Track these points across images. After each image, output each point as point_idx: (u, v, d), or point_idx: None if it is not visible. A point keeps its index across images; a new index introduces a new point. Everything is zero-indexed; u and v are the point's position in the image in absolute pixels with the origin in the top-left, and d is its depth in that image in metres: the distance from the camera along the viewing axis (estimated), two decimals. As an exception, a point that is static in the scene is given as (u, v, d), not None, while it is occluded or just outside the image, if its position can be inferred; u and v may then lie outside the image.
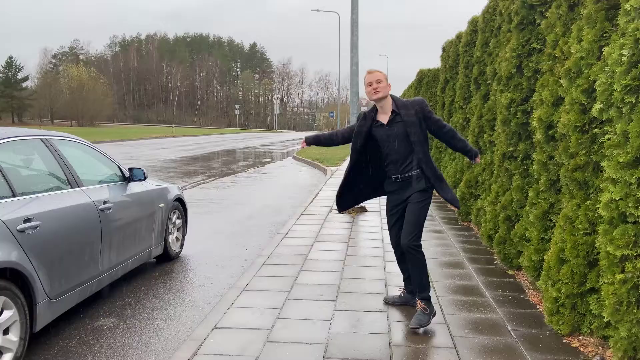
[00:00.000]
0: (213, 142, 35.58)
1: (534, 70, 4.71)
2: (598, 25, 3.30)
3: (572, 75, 3.57)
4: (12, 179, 3.25)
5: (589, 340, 3.32)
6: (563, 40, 3.91)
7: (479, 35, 7.13)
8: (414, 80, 17.05)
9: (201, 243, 6.30)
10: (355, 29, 8.96)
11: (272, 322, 3.65)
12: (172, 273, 5.12)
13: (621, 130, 2.90)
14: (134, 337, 3.60)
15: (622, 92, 2.87)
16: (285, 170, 16.58)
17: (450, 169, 8.83)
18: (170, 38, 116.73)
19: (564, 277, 3.42)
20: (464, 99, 8.28)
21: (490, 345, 3.30)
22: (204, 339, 3.34)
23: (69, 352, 3.35)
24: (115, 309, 4.12)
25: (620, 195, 2.86)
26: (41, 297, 3.20)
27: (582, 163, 3.47)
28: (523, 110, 4.89)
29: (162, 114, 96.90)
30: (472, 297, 4.20)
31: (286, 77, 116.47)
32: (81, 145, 4.40)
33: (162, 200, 5.22)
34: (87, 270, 3.76)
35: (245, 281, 4.55)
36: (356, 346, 3.26)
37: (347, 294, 4.27)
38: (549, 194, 4.15)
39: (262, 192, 11.24)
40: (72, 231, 3.56)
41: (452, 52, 9.67)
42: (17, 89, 64.89)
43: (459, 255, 5.58)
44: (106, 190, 4.25)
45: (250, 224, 7.61)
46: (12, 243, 2.97)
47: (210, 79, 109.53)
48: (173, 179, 12.88)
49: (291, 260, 5.28)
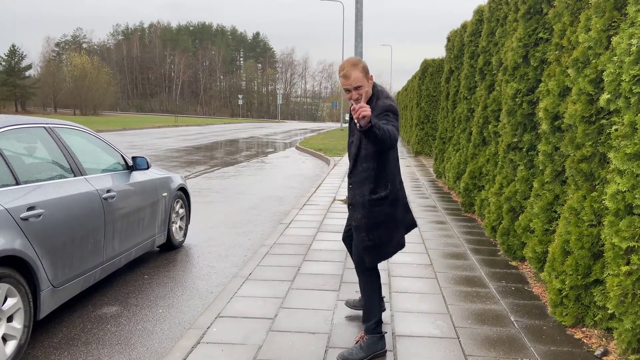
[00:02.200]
0: (216, 131, 35.55)
1: (541, 60, 4.67)
2: (607, 14, 3.25)
3: (580, 65, 3.53)
4: (16, 167, 3.24)
5: (592, 332, 3.31)
6: (571, 30, 3.87)
7: (485, 24, 7.06)
8: (418, 71, 16.95)
9: (204, 232, 6.31)
10: (360, 19, 8.90)
11: (275, 311, 3.65)
12: (175, 262, 5.13)
13: (629, 121, 2.87)
14: (137, 325, 3.61)
15: (631, 82, 2.84)
16: (288, 161, 16.56)
17: (454, 160, 8.79)
18: (173, 27, 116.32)
19: (568, 268, 3.41)
20: (469, 90, 8.23)
21: (493, 336, 3.30)
22: (207, 328, 3.35)
23: (72, 339, 3.36)
24: (119, 297, 4.13)
25: (627, 187, 2.83)
26: (45, 285, 3.21)
27: (588, 154, 3.44)
28: (529, 100, 4.85)
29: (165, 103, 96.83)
30: (475, 288, 4.19)
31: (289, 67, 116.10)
32: (84, 133, 4.39)
33: (166, 190, 5.21)
34: (91, 259, 3.76)
35: (248, 270, 4.56)
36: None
37: (351, 284, 4.27)
38: (554, 185, 4.13)
39: (265, 182, 11.24)
40: (75, 219, 3.56)
41: (457, 42, 9.59)
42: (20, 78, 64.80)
43: (462, 246, 5.57)
44: (109, 178, 4.25)
45: (253, 213, 7.61)
46: (15, 231, 2.97)
47: (213, 69, 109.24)
48: (176, 169, 12.89)
49: (294, 250, 5.28)
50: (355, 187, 2.99)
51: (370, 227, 2.95)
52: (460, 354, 3.06)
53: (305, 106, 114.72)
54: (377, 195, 2.92)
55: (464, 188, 7.33)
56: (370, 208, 2.93)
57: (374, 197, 2.92)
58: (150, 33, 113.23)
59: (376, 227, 2.95)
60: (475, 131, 7.20)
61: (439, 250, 5.38)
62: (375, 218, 2.94)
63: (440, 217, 7.12)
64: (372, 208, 2.93)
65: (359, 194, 2.96)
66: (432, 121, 15.96)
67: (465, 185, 7.28)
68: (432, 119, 15.90)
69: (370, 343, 3.00)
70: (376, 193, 2.92)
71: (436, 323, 3.49)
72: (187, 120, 57.88)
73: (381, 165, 2.91)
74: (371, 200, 2.92)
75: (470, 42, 8.15)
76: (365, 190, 2.93)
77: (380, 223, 2.95)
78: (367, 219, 2.94)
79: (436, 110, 15.49)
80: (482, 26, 7.58)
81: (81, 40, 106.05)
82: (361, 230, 2.97)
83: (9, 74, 63.21)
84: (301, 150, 20.55)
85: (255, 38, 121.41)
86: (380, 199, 2.93)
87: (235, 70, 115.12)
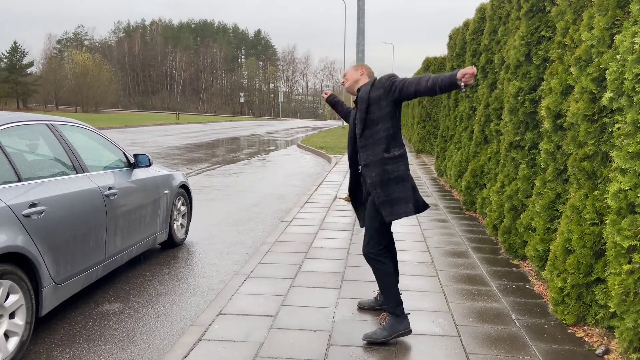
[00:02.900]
0: (217, 129, 35.56)
1: (543, 59, 4.66)
2: (610, 12, 3.25)
3: (582, 64, 3.52)
4: (18, 164, 3.25)
5: (594, 331, 3.31)
6: (573, 28, 3.86)
7: (487, 22, 7.05)
8: (420, 69, 16.94)
9: (206, 230, 6.31)
10: (362, 16, 8.88)
11: (277, 309, 3.65)
12: (176, 259, 5.14)
13: (631, 119, 2.86)
14: (139, 322, 3.62)
15: (634, 80, 2.84)
16: (290, 158, 16.55)
17: (456, 158, 8.79)
18: (175, 24, 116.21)
19: (569, 267, 3.41)
20: (471, 88, 8.21)
21: (494, 334, 3.30)
22: (209, 325, 3.35)
23: (74, 336, 3.37)
24: (121, 294, 4.14)
25: (629, 185, 2.83)
26: (47, 282, 3.21)
27: (590, 153, 3.43)
28: (531, 99, 4.84)
29: (166, 100, 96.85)
30: (476, 287, 4.20)
31: (291, 65, 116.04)
32: (86, 130, 4.39)
33: (167, 187, 5.22)
34: (93, 256, 3.77)
35: (249, 268, 4.56)
36: (361, 334, 3.26)
37: (352, 281, 4.27)
38: (556, 184, 4.12)
39: (267, 179, 11.24)
40: (77, 216, 3.57)
41: (459, 40, 9.58)
42: (21, 75, 64.90)
43: (463, 244, 5.57)
44: (111, 176, 4.25)
45: (255, 211, 7.61)
46: (18, 228, 2.97)
47: (215, 66, 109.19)
48: (177, 166, 12.89)
49: (296, 248, 5.29)
50: (367, 148, 3.15)
51: (384, 183, 3.12)
52: (462, 352, 3.06)
53: (306, 104, 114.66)
54: (390, 154, 3.13)
55: (466, 186, 7.32)
56: (385, 166, 3.12)
57: (387, 156, 3.12)
58: (152, 30, 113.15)
59: (391, 183, 3.13)
60: (477, 129, 7.19)
61: (441, 248, 5.38)
62: (390, 174, 3.12)
63: (441, 216, 7.12)
64: (386, 166, 3.12)
65: (372, 154, 3.13)
66: (433, 119, 15.95)
67: (467, 183, 7.27)
68: (434, 117, 15.89)
69: (393, 323, 3.16)
70: (389, 152, 3.13)
71: (437, 321, 3.50)
72: (188, 117, 57.92)
73: (394, 124, 3.14)
74: (386, 159, 3.12)
75: (472, 40, 8.14)
76: (379, 150, 3.12)
77: (395, 179, 3.13)
78: (381, 176, 3.12)
79: (438, 109, 15.47)
80: (484, 24, 7.56)
81: (83, 38, 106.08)
82: (376, 187, 3.13)
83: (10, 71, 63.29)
84: (302, 148, 20.55)
85: (256, 36, 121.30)
86: (394, 157, 3.13)
87: (236, 68, 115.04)
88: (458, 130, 9.08)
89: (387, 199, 3.12)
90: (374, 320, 3.50)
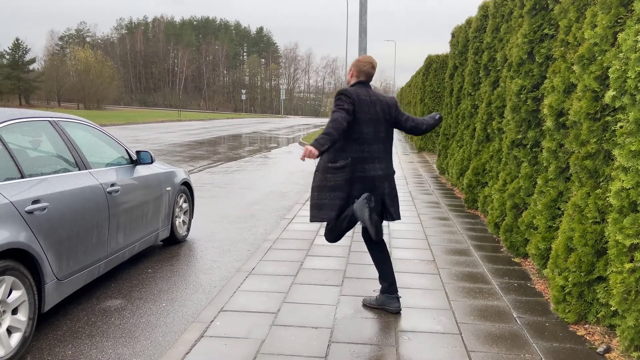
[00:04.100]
0: (219, 126, 35.56)
1: (546, 57, 4.65)
2: (613, 10, 3.24)
3: (585, 62, 3.52)
4: (21, 161, 3.26)
5: (595, 329, 3.31)
6: (576, 26, 3.85)
7: (490, 20, 7.03)
8: (422, 67, 16.92)
9: (207, 227, 6.32)
10: (364, 14, 8.88)
11: (278, 306, 3.66)
12: (178, 256, 5.15)
13: (634, 118, 2.86)
14: (141, 318, 3.63)
15: (636, 79, 2.83)
16: (291, 156, 16.56)
17: (458, 156, 8.78)
18: (177, 21, 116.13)
19: (571, 265, 3.41)
20: (473, 86, 8.21)
21: (495, 332, 3.30)
22: (211, 322, 3.36)
23: (76, 332, 3.39)
24: (123, 290, 4.15)
25: (632, 184, 2.83)
26: (49, 278, 3.22)
27: (592, 151, 3.43)
28: (533, 97, 4.84)
29: (168, 97, 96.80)
30: (477, 284, 4.20)
31: (293, 62, 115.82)
32: (89, 127, 4.40)
33: (169, 184, 5.22)
34: (95, 252, 3.78)
35: (251, 265, 4.57)
36: (362, 331, 3.28)
37: (353, 279, 4.28)
38: (558, 182, 4.12)
39: (268, 177, 11.25)
40: (79, 213, 3.58)
41: (461, 37, 9.56)
42: (24, 71, 64.86)
43: (465, 242, 5.58)
44: (114, 172, 4.26)
45: (257, 208, 7.62)
46: (20, 224, 2.98)
47: (217, 63, 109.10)
48: (179, 163, 12.91)
49: (297, 245, 5.30)
50: (383, 160, 3.54)
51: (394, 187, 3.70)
52: (463, 349, 3.06)
53: (308, 101, 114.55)
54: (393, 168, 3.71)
55: (467, 184, 7.32)
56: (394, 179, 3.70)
57: (394, 170, 3.70)
58: (154, 27, 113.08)
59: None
60: (479, 127, 7.19)
61: (442, 246, 5.39)
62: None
63: (443, 214, 7.12)
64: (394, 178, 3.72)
65: (388, 167, 3.58)
66: (435, 117, 15.92)
67: (469, 181, 7.27)
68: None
69: (384, 299, 3.62)
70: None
71: (439, 319, 3.50)
72: (190, 115, 57.91)
73: (392, 143, 3.69)
74: (394, 173, 3.68)
75: (474, 38, 8.13)
76: (391, 163, 3.63)
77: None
78: (393, 188, 3.67)
79: (440, 107, 15.45)
80: (487, 22, 7.55)
81: (85, 34, 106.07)
82: (394, 195, 3.64)
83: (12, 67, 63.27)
84: (304, 146, 20.53)
85: (258, 33, 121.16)
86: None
87: (238, 65, 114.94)
88: (460, 128, 9.08)
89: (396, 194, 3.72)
90: (375, 317, 3.51)
